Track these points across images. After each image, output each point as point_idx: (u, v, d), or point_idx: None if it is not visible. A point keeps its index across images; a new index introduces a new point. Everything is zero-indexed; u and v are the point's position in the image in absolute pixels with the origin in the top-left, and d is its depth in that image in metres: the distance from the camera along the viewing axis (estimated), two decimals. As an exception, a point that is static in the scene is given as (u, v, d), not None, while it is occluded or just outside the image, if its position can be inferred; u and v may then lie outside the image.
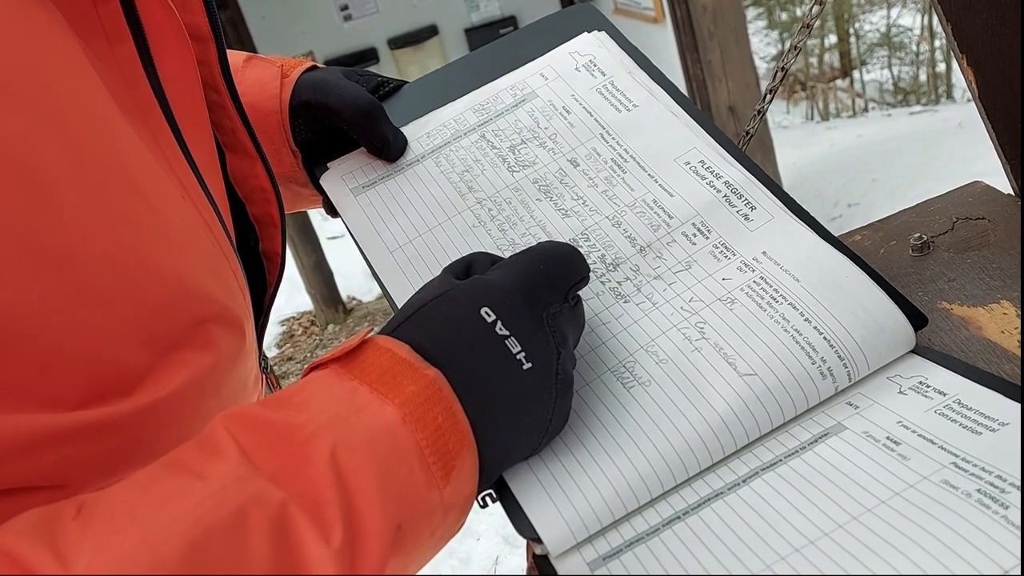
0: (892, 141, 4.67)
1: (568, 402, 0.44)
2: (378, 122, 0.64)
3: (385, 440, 0.36)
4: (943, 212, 0.63)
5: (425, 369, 0.39)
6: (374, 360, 0.40)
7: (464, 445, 0.39)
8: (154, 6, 0.44)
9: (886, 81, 7.96)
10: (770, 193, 0.56)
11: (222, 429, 0.35)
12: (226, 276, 0.48)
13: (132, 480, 0.33)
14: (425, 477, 0.37)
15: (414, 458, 0.37)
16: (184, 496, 0.32)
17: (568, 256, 0.47)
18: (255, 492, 0.32)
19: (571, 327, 0.46)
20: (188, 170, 0.47)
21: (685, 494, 0.44)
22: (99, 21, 0.42)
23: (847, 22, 7.91)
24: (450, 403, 0.39)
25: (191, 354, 0.43)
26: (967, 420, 0.41)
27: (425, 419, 0.38)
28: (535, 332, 0.42)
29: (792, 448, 0.45)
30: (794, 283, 0.50)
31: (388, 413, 0.37)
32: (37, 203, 0.35)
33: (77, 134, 0.38)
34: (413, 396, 0.38)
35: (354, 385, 0.38)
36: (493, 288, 0.43)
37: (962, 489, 0.37)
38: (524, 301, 0.43)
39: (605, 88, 0.66)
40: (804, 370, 0.47)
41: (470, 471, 0.40)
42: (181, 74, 0.48)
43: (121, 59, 0.43)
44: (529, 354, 0.41)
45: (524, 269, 0.45)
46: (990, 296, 0.53)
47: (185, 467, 0.34)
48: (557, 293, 0.45)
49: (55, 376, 0.36)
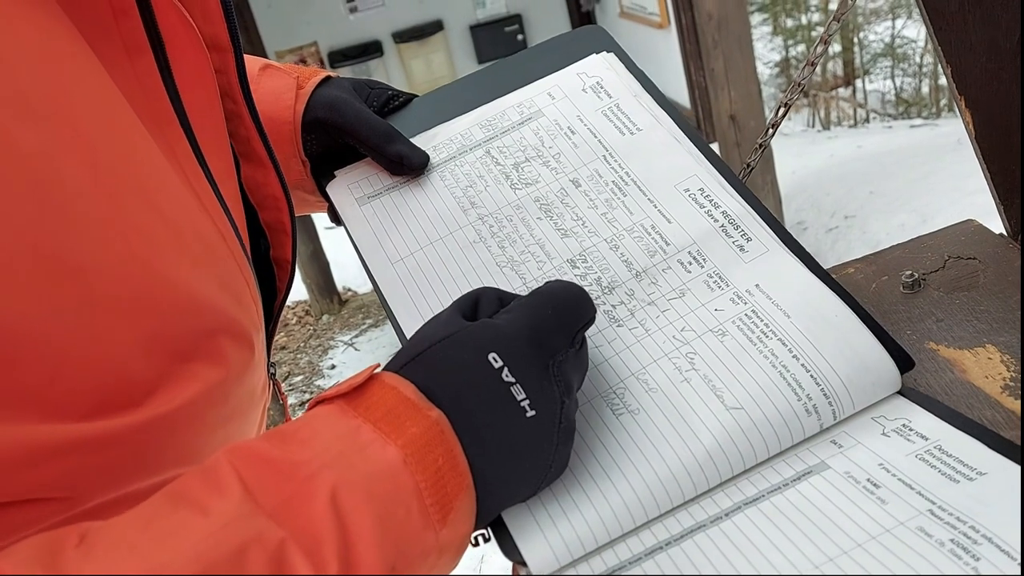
0: (892, 154, 4.68)
1: (569, 448, 0.45)
2: (393, 143, 0.65)
3: (385, 481, 0.37)
4: (936, 249, 0.64)
5: (429, 410, 0.40)
6: (379, 398, 0.40)
7: (463, 488, 0.40)
8: (173, 19, 0.45)
9: (888, 91, 7.97)
10: (766, 226, 0.57)
11: (226, 463, 0.36)
12: (239, 287, 0.49)
13: (135, 512, 0.34)
14: (422, 519, 0.38)
15: (412, 499, 0.37)
16: (186, 532, 0.32)
17: (576, 300, 0.47)
18: (255, 531, 0.33)
19: (576, 372, 0.46)
20: (204, 181, 0.48)
21: (669, 524, 0.45)
22: (119, 35, 0.43)
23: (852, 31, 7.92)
24: (451, 446, 0.40)
25: (201, 367, 0.43)
26: (946, 467, 0.43)
27: (426, 461, 0.38)
28: (540, 381, 0.43)
29: (775, 484, 0.46)
30: (784, 318, 0.51)
31: (390, 454, 0.38)
32: (53, 216, 0.35)
33: (95, 148, 0.38)
34: (415, 437, 0.39)
35: (358, 423, 0.39)
36: (502, 334, 0.43)
37: (936, 537, 0.39)
38: (531, 348, 0.43)
39: (610, 110, 0.66)
40: (790, 406, 0.48)
41: (467, 513, 0.40)
42: (199, 85, 0.48)
43: (140, 71, 0.44)
44: (533, 402, 0.42)
45: (533, 314, 0.45)
46: (976, 339, 0.54)
47: (188, 500, 0.34)
48: (564, 338, 0.45)
49: (64, 386, 0.36)
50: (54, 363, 0.36)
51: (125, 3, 0.42)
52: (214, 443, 0.47)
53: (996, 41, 0.59)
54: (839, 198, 4.34)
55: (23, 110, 0.35)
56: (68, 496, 0.38)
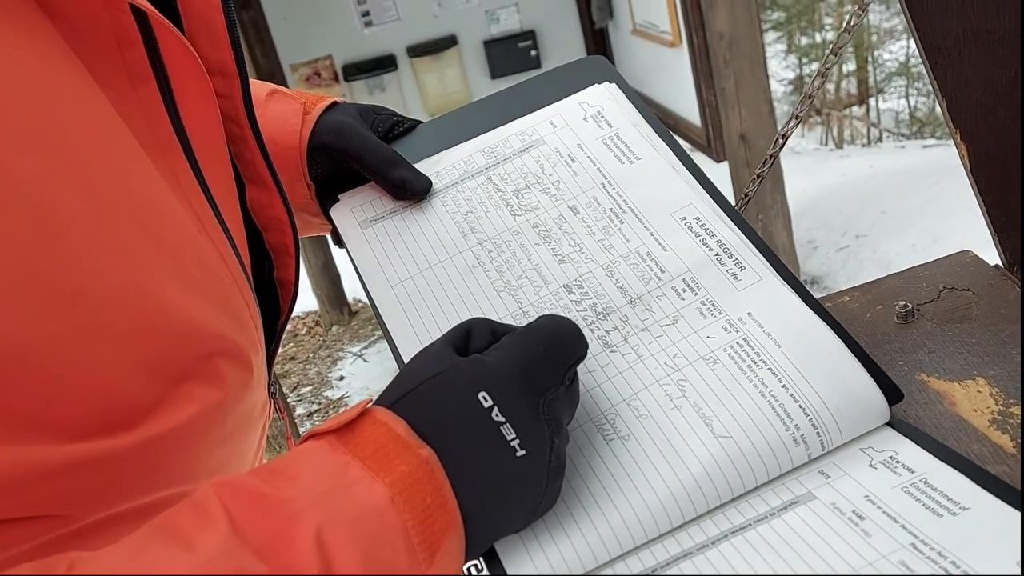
0: (904, 174, 4.67)
1: (559, 484, 0.45)
2: (396, 168, 0.66)
3: (371, 520, 0.37)
4: (930, 279, 0.65)
5: (419, 448, 0.40)
6: (369, 434, 0.41)
7: (451, 526, 0.40)
8: (176, 48, 0.46)
9: (902, 111, 7.96)
10: (760, 255, 0.58)
11: (215, 497, 0.36)
12: (239, 309, 0.50)
13: (124, 544, 0.35)
14: (409, 558, 0.38)
15: (399, 538, 0.38)
16: (171, 566, 0.33)
17: (568, 337, 0.47)
18: (239, 567, 0.33)
19: (566, 409, 0.46)
20: (205, 204, 0.49)
21: (655, 551, 0.46)
22: (123, 64, 0.44)
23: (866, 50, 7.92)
24: (440, 484, 0.40)
25: (199, 388, 0.44)
26: (931, 501, 0.43)
27: (414, 500, 0.39)
28: (530, 420, 0.43)
29: (762, 513, 0.46)
30: (775, 348, 0.52)
31: (377, 492, 0.38)
32: (50, 242, 0.36)
33: (92, 175, 0.39)
34: (404, 476, 0.39)
35: (347, 460, 0.39)
36: (493, 372, 0.44)
37: (917, 571, 0.39)
38: (521, 387, 0.43)
39: (611, 140, 0.67)
40: (778, 436, 0.48)
41: (455, 551, 0.40)
42: (201, 111, 0.50)
43: (144, 99, 0.45)
44: (523, 441, 0.42)
45: (524, 353, 0.45)
46: (967, 372, 0.54)
47: (175, 533, 0.35)
48: (555, 376, 0.45)
49: (61, 408, 0.37)
50: (51, 387, 0.36)
51: (130, 34, 0.43)
52: (212, 462, 0.48)
53: (992, 75, 0.60)
54: (850, 217, 4.33)
55: (20, 138, 0.36)
56: (65, 514, 0.38)
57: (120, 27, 0.42)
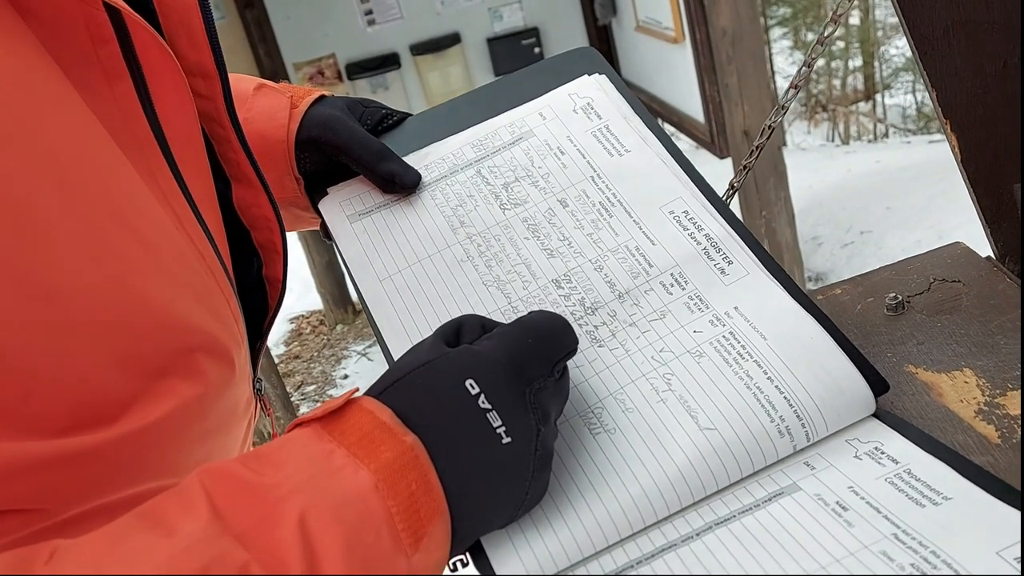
0: (909, 169, 4.66)
1: (546, 477, 0.45)
2: (385, 161, 0.66)
3: (355, 505, 0.37)
4: (921, 271, 0.64)
5: (404, 435, 0.40)
6: (355, 422, 0.41)
7: (436, 513, 0.40)
8: (151, 46, 0.46)
9: (909, 106, 7.92)
10: (748, 249, 0.58)
11: (198, 484, 0.36)
12: (218, 304, 0.49)
13: (105, 531, 0.35)
14: (393, 543, 0.38)
15: (383, 524, 0.38)
16: (151, 552, 0.33)
17: (557, 330, 0.47)
18: (219, 552, 0.33)
19: (554, 401, 0.46)
20: (183, 201, 0.49)
21: (641, 543, 0.46)
22: (98, 61, 0.44)
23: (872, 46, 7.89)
24: (425, 471, 0.40)
25: (178, 383, 0.44)
26: (914, 491, 0.43)
27: (398, 486, 0.39)
28: (517, 408, 0.43)
29: (747, 504, 0.46)
30: (761, 341, 0.52)
31: (362, 478, 0.38)
32: (26, 238, 0.36)
33: (67, 171, 0.39)
34: (389, 462, 0.39)
35: (331, 447, 0.39)
36: (481, 360, 0.44)
37: (898, 561, 0.39)
38: (509, 376, 0.44)
39: (600, 132, 0.67)
40: (763, 428, 0.48)
41: (441, 539, 0.40)
42: (178, 110, 0.49)
43: (119, 97, 0.45)
44: (509, 429, 0.42)
45: (512, 342, 0.45)
46: (954, 363, 0.54)
47: (157, 520, 0.35)
48: (543, 367, 0.45)
49: (39, 403, 0.37)
50: (28, 382, 0.37)
51: (104, 32, 0.43)
52: (195, 457, 0.48)
53: (981, 65, 0.60)
54: (855, 213, 4.32)
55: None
56: (46, 508, 0.39)
57: (94, 24, 0.42)
